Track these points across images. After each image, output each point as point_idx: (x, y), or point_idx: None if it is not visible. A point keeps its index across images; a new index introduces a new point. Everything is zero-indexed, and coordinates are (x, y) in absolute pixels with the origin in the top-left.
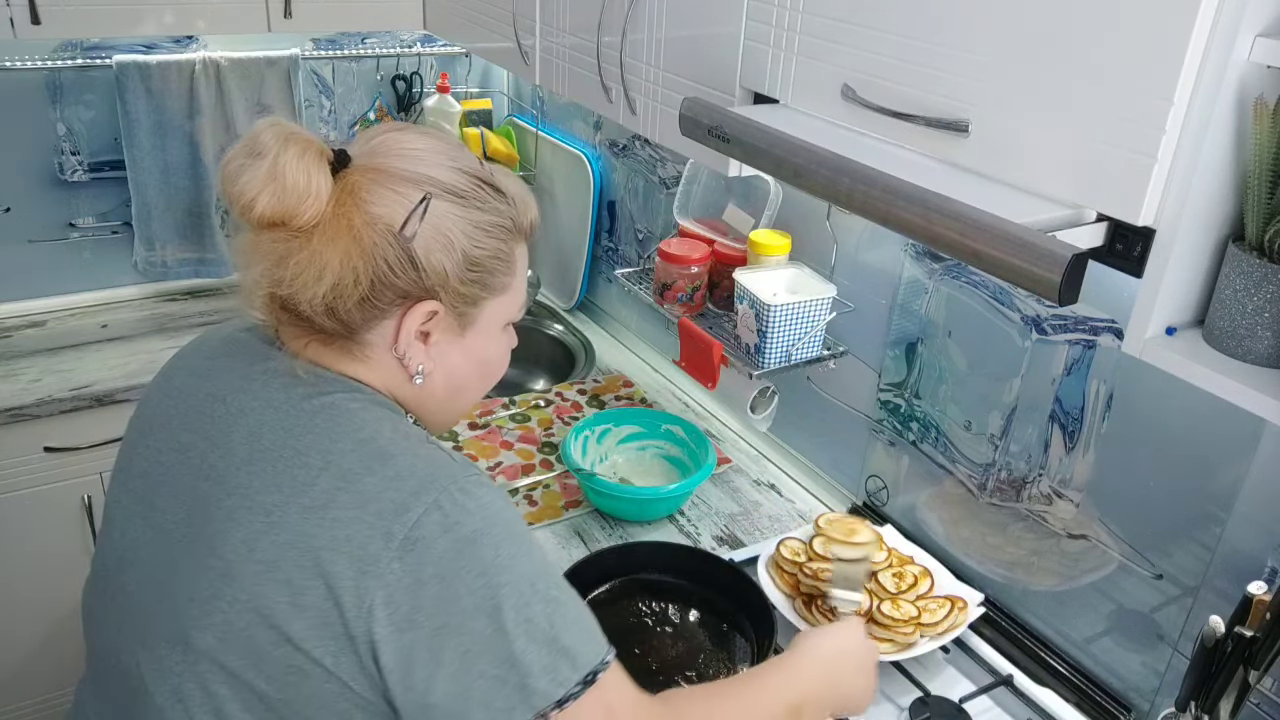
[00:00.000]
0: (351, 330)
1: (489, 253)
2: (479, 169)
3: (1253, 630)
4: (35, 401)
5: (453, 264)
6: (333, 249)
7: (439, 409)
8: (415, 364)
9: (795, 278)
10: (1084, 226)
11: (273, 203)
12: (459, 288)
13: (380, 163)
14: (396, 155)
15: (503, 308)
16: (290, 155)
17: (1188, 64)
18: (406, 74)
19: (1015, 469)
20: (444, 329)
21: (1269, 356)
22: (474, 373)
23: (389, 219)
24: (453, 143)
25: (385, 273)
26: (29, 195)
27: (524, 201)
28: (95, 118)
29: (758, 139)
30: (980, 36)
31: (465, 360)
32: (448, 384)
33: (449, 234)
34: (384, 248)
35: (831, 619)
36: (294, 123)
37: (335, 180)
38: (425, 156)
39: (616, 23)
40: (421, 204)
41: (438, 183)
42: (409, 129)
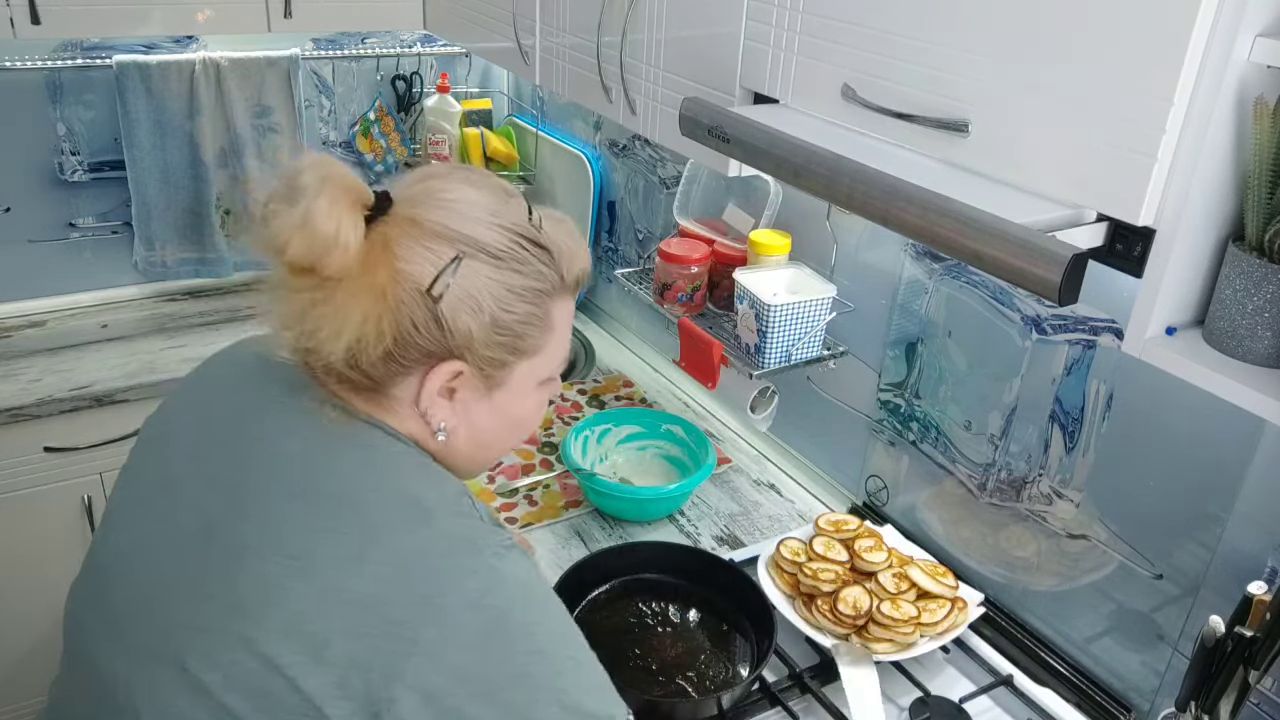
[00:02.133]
0: (376, 383)
1: (519, 317)
2: (522, 224)
3: (1253, 630)
4: (35, 401)
5: (479, 327)
6: (357, 302)
7: (466, 461)
8: (438, 421)
9: (795, 278)
10: (1084, 226)
11: (301, 249)
12: (485, 351)
13: (418, 213)
14: (436, 206)
15: (536, 368)
16: (323, 201)
17: (1188, 64)
18: (406, 74)
19: (1015, 469)
20: (470, 388)
21: (1269, 356)
22: (502, 431)
23: (418, 277)
24: (501, 192)
25: (410, 331)
26: (29, 195)
27: (571, 254)
28: (95, 118)
29: (758, 139)
30: (980, 36)
31: (492, 418)
32: (472, 440)
33: (478, 296)
34: (410, 306)
35: (831, 619)
36: (340, 162)
37: (370, 228)
38: (465, 210)
39: (616, 23)
40: (452, 263)
41: (473, 241)
42: (457, 174)
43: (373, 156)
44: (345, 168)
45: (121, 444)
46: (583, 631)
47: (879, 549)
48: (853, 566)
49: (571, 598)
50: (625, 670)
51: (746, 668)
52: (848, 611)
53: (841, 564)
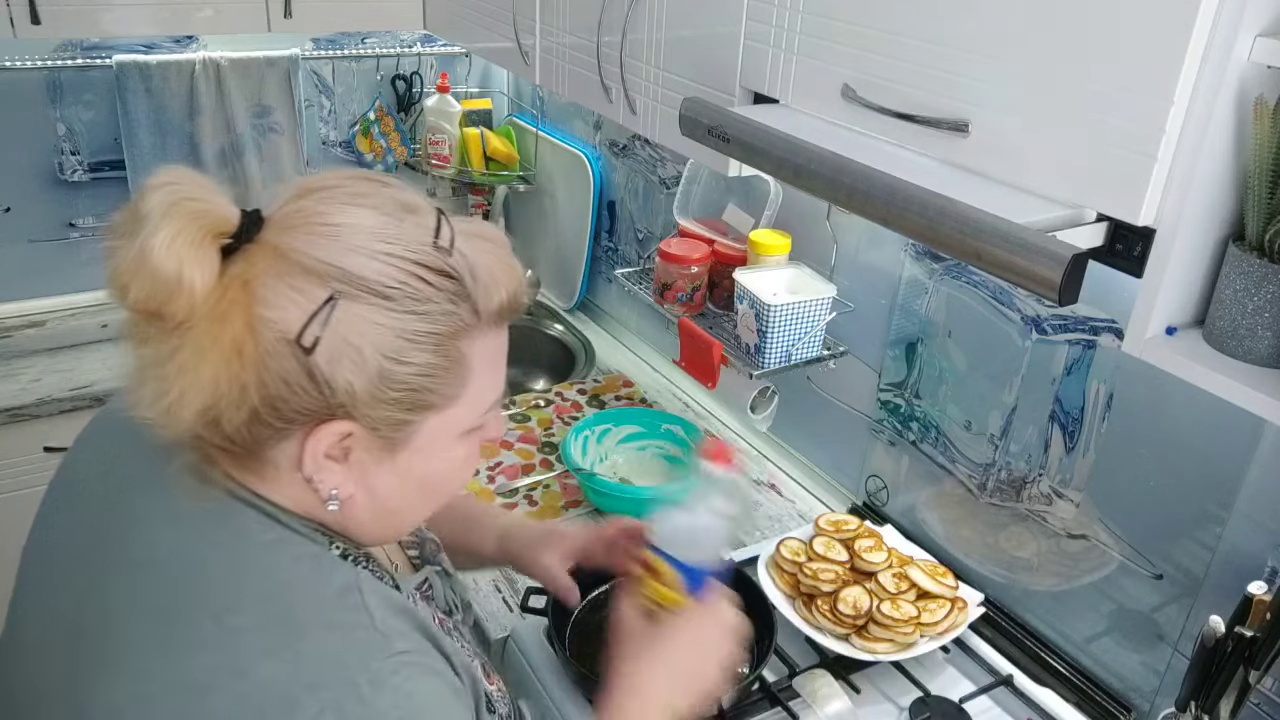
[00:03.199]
0: (247, 448)
1: (418, 369)
2: (422, 250)
3: (1253, 630)
4: (35, 401)
5: (365, 382)
6: (210, 357)
7: (371, 531)
8: (327, 489)
9: (795, 278)
10: (1084, 226)
11: (142, 293)
12: (377, 410)
13: (287, 243)
14: (309, 233)
15: (452, 421)
16: (163, 235)
17: (1188, 64)
18: (406, 74)
19: (1015, 469)
20: (365, 448)
21: (1269, 356)
22: (414, 494)
23: (283, 325)
24: (396, 207)
25: (279, 388)
26: (29, 195)
27: (491, 280)
28: (95, 118)
29: (758, 139)
30: (980, 36)
31: (399, 481)
32: (375, 508)
33: (360, 346)
34: (277, 359)
35: (831, 619)
36: (194, 176)
37: (227, 263)
38: (346, 237)
39: (616, 23)
40: (325, 306)
41: (353, 278)
42: (344, 187)
43: (373, 156)
44: (201, 185)
45: None
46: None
47: (879, 549)
48: (853, 566)
49: None
50: None
51: (746, 668)
52: (848, 611)
53: (841, 564)
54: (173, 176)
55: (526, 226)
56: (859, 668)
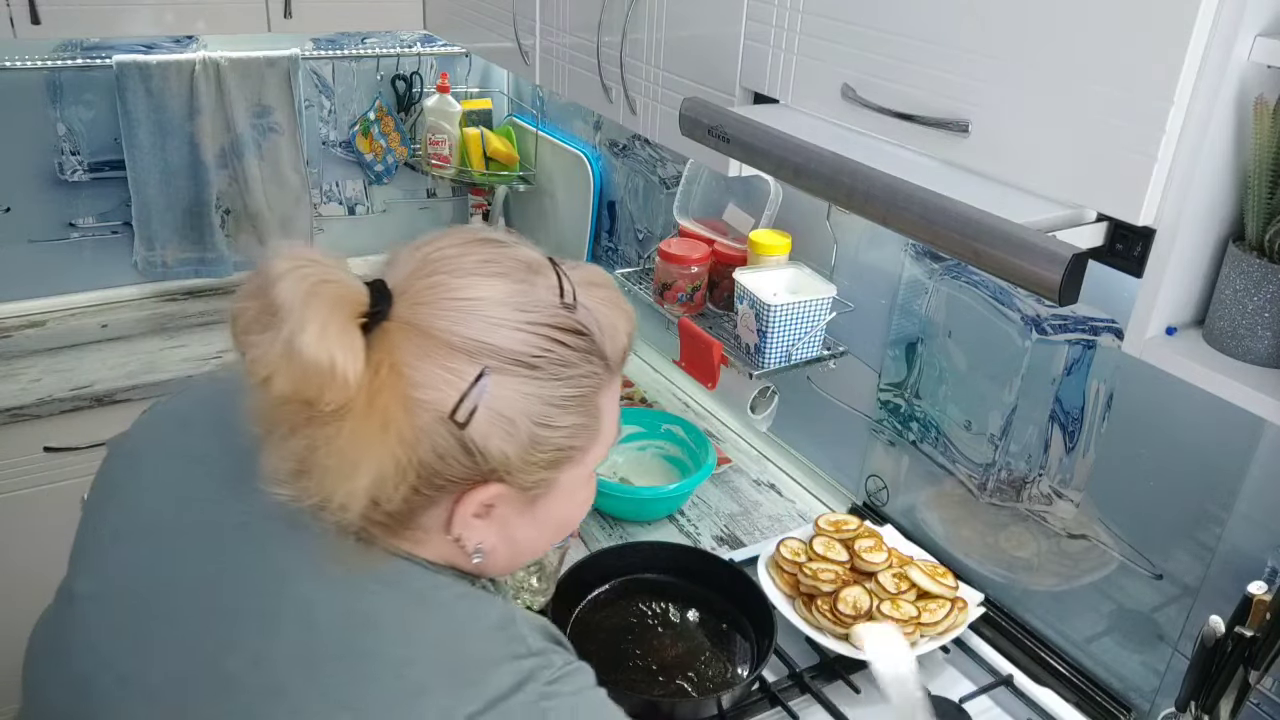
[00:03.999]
0: (400, 520)
1: (565, 430)
2: (554, 311)
3: (1253, 630)
4: (35, 401)
5: (517, 449)
6: (370, 441)
7: (502, 570)
8: (473, 544)
9: (795, 278)
10: (1084, 226)
11: (290, 385)
12: (526, 473)
13: (427, 321)
14: (448, 310)
15: (586, 466)
16: (312, 329)
17: (1188, 64)
18: (406, 74)
19: (1015, 469)
20: (509, 503)
21: (1269, 356)
22: (546, 536)
23: (437, 403)
24: (523, 271)
25: (434, 462)
26: (29, 195)
27: (612, 326)
28: (95, 118)
29: (758, 139)
30: (980, 36)
31: (535, 528)
32: (511, 553)
33: (511, 416)
34: (432, 435)
35: (831, 619)
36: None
37: (370, 343)
38: (485, 311)
39: (616, 23)
40: (477, 383)
41: (499, 352)
42: (468, 257)
43: (373, 156)
44: (327, 263)
45: None
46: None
47: (879, 549)
48: (853, 566)
49: (571, 597)
50: (625, 670)
51: (746, 668)
52: (848, 611)
53: (841, 564)
54: (297, 259)
55: (526, 226)
56: (859, 668)
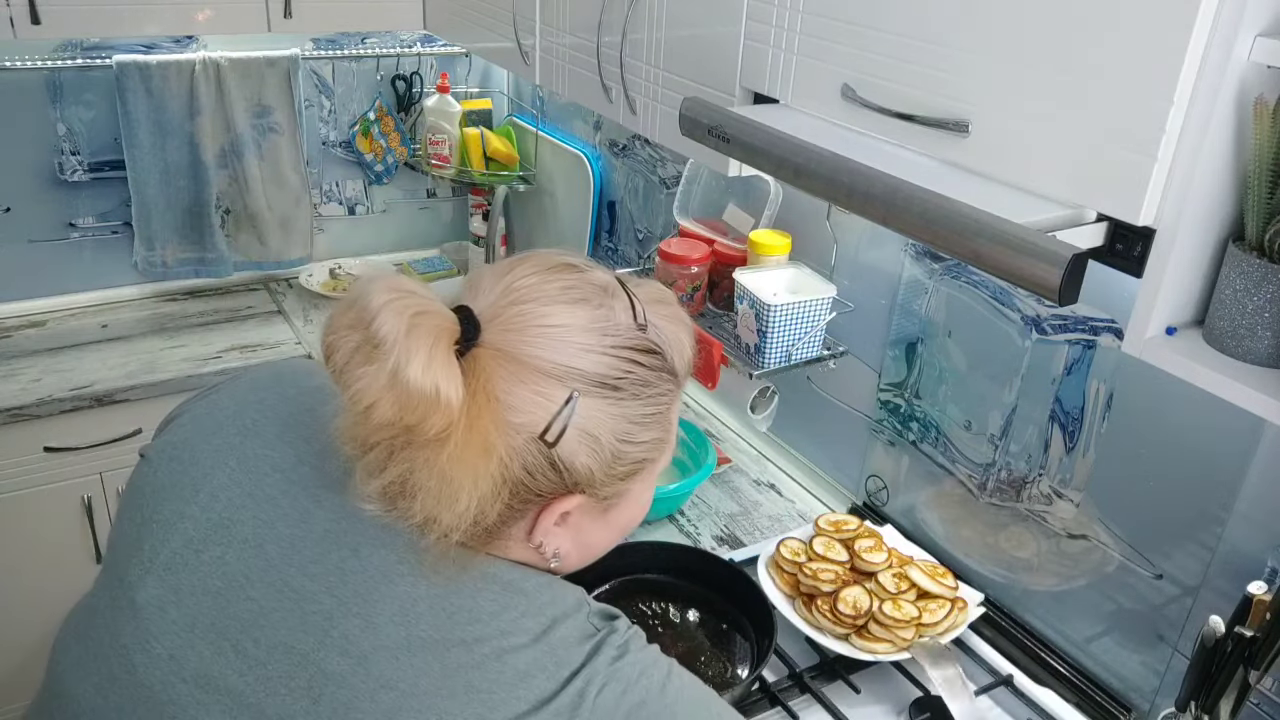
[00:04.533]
0: (490, 532)
1: (645, 445)
2: (631, 333)
3: (1253, 630)
4: (35, 401)
5: (600, 464)
6: (470, 463)
7: (571, 569)
8: (552, 549)
9: (795, 278)
10: (1084, 226)
11: (395, 412)
12: (607, 486)
13: (517, 348)
14: (536, 337)
15: (654, 474)
16: (418, 360)
17: (1188, 64)
18: (406, 74)
19: (1015, 469)
20: (585, 512)
21: (1269, 356)
22: (614, 537)
23: (531, 426)
24: (600, 295)
25: (524, 478)
26: (29, 195)
27: (679, 341)
28: (95, 118)
29: (758, 139)
30: (980, 36)
31: (605, 531)
32: (584, 555)
33: (597, 434)
34: (524, 454)
35: (831, 619)
36: (411, 283)
37: (465, 369)
38: (571, 339)
39: (616, 23)
40: (566, 405)
41: (586, 375)
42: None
43: (373, 156)
44: (424, 296)
45: (122, 444)
46: None
47: (879, 549)
48: (853, 566)
49: None
50: None
51: (746, 668)
52: (848, 611)
53: (841, 564)
54: (394, 290)
55: (526, 226)
56: (859, 668)
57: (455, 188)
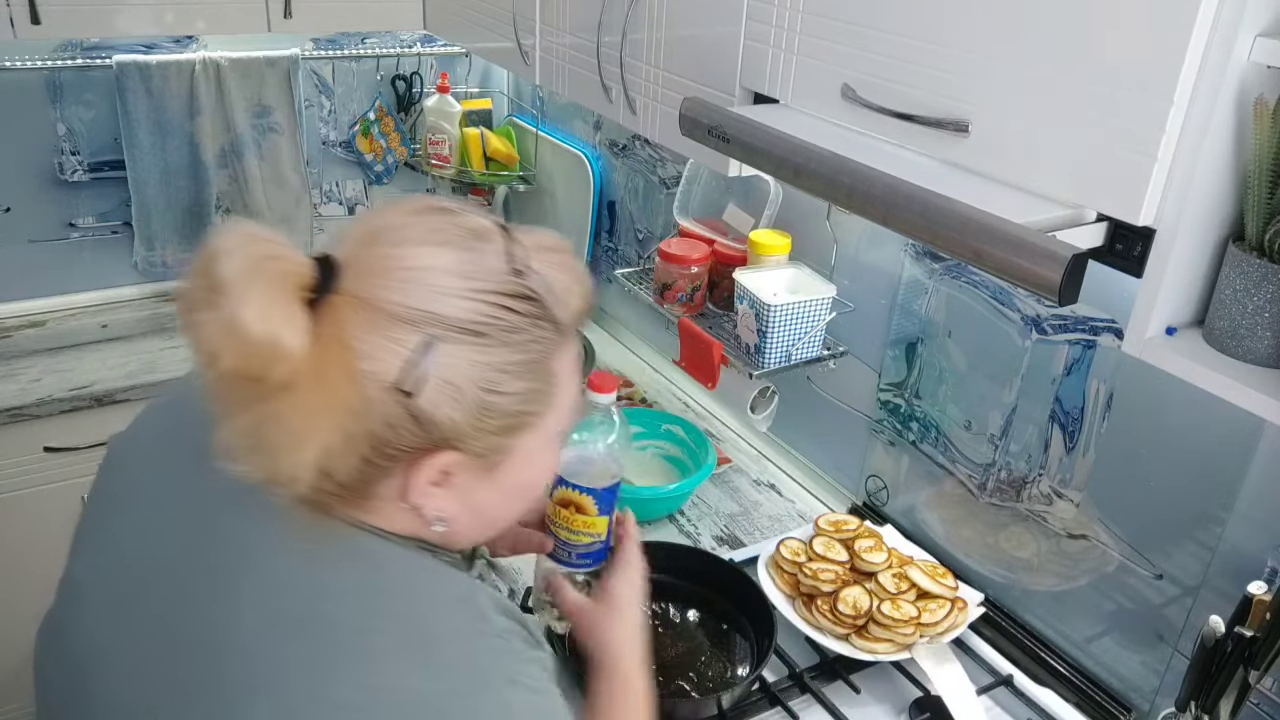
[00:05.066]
0: (355, 490)
1: (515, 396)
2: (502, 277)
3: (1253, 630)
4: (35, 401)
5: (466, 416)
6: (318, 414)
7: (470, 540)
8: (432, 513)
9: (795, 278)
10: (1084, 226)
11: (236, 361)
12: (479, 440)
13: (373, 292)
14: (393, 280)
15: (545, 431)
16: (253, 304)
17: (1188, 64)
18: (406, 74)
19: (1015, 469)
20: (467, 471)
21: (1269, 356)
22: (512, 501)
23: (384, 374)
24: (469, 238)
25: (384, 431)
26: (29, 195)
27: (565, 290)
28: (95, 118)
29: (758, 139)
30: (980, 37)
31: (499, 495)
32: (477, 521)
33: (458, 383)
34: (380, 405)
35: (831, 619)
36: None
37: (317, 316)
38: (430, 280)
39: (616, 23)
40: (422, 352)
41: (445, 320)
42: (413, 227)
43: (373, 156)
44: (269, 240)
45: None
46: None
47: (879, 549)
48: (853, 566)
49: None
50: None
51: (746, 668)
52: (848, 611)
53: (841, 564)
54: (238, 238)
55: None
56: (859, 668)
57: (455, 188)
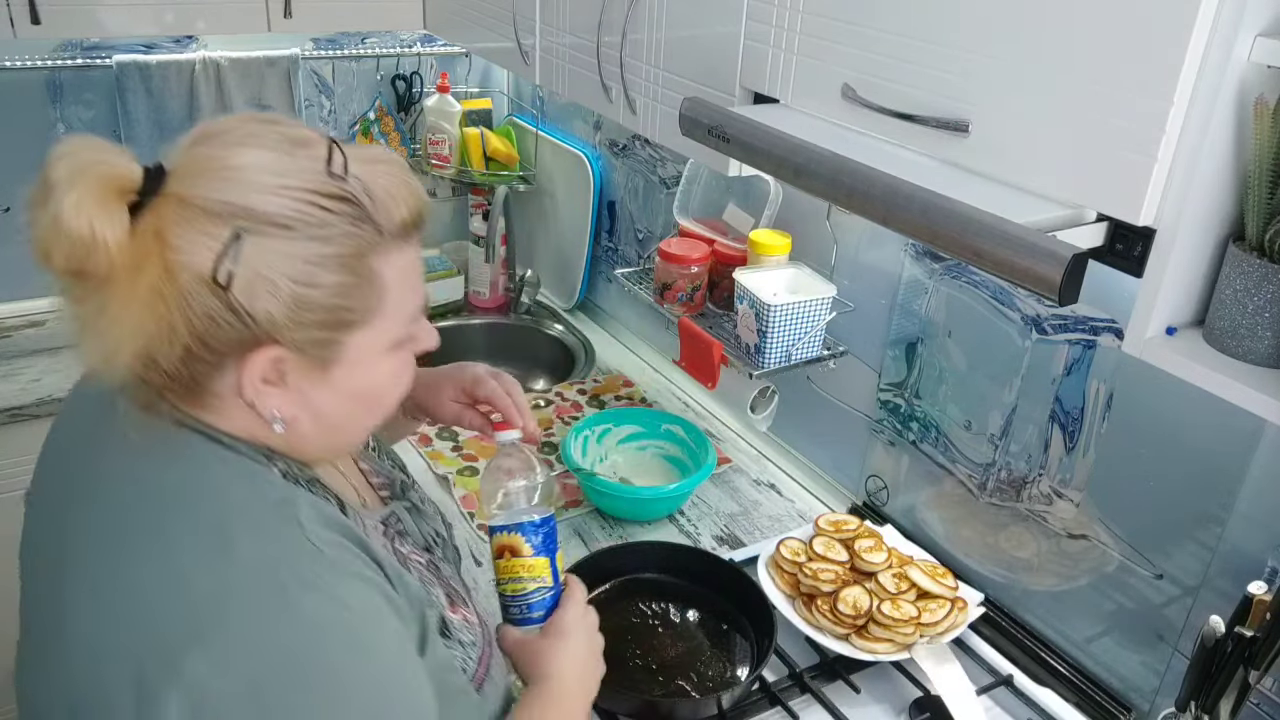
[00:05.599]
0: (188, 384)
1: (330, 290)
2: (316, 179)
3: (1253, 630)
4: (35, 401)
5: (282, 308)
6: (135, 305)
7: (318, 447)
8: (269, 411)
9: (795, 278)
10: (1084, 226)
11: (63, 256)
12: (300, 333)
13: (190, 190)
14: (210, 177)
15: (377, 335)
16: (71, 199)
17: (1188, 64)
18: (406, 74)
19: (1015, 469)
20: (300, 370)
21: (1269, 356)
22: (355, 408)
23: (197, 266)
24: (287, 144)
25: (206, 325)
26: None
27: (390, 197)
28: (95, 118)
29: (758, 139)
30: (980, 36)
31: (337, 398)
32: (320, 425)
33: (271, 276)
34: (197, 297)
35: (831, 619)
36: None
37: (138, 217)
38: (242, 178)
39: (616, 22)
40: (232, 244)
41: (254, 214)
42: (236, 130)
43: None
44: (104, 148)
45: None
46: None
47: (879, 549)
48: (853, 566)
49: None
50: (625, 670)
51: (746, 668)
52: (848, 611)
53: (841, 564)
54: (74, 145)
55: (526, 226)
56: (859, 668)
57: (455, 187)
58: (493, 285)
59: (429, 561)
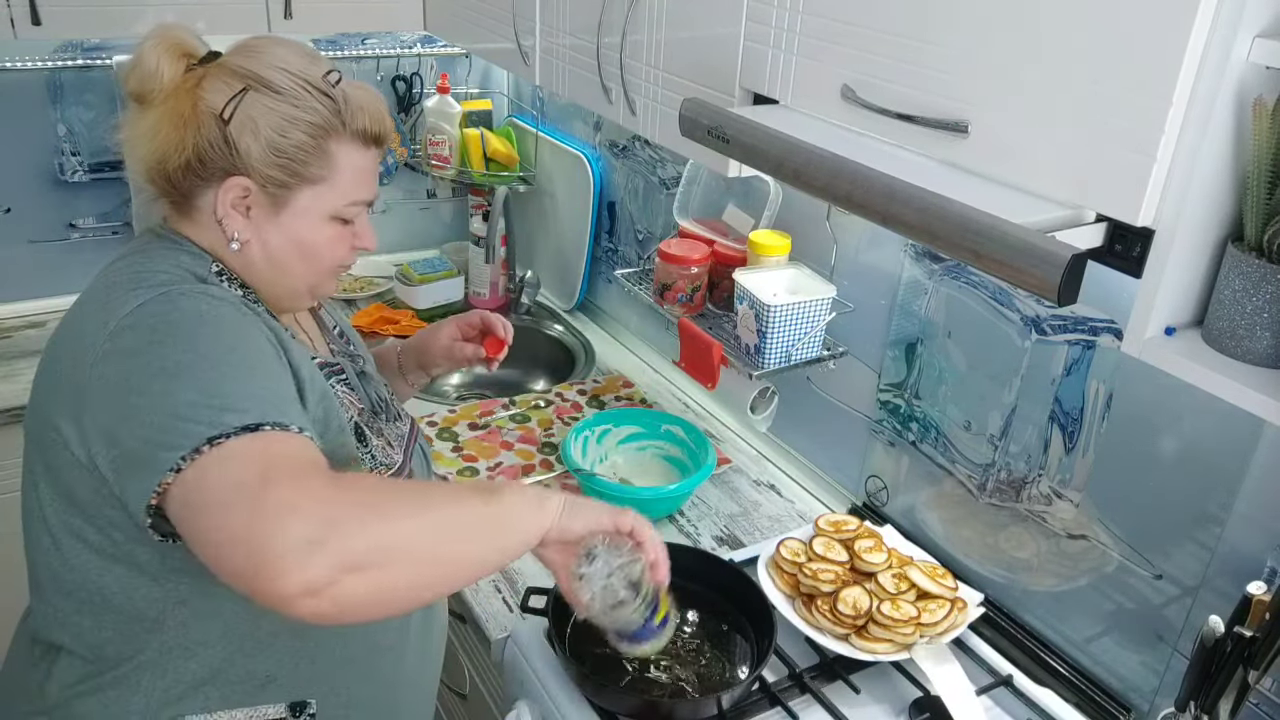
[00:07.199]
0: (183, 195)
1: (294, 143)
2: (313, 76)
3: (1252, 630)
4: None
5: (259, 147)
6: (167, 121)
7: (265, 281)
8: (232, 230)
9: (795, 278)
10: (1083, 227)
11: (134, 82)
12: (266, 169)
13: (228, 60)
14: (244, 54)
15: (321, 198)
16: (150, 44)
17: (1187, 64)
18: (406, 74)
19: (1015, 469)
20: (260, 205)
21: (1268, 356)
22: (293, 253)
23: (214, 105)
24: (306, 56)
25: (205, 148)
26: (29, 196)
27: (359, 109)
28: (95, 118)
29: (758, 139)
30: (980, 37)
31: (281, 238)
32: (265, 257)
33: (258, 121)
34: (207, 128)
35: (831, 619)
36: (183, 27)
37: (190, 71)
38: (264, 58)
39: (616, 23)
40: (240, 94)
41: (261, 79)
42: (280, 40)
43: None
44: (184, 31)
45: None
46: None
47: (879, 549)
48: (852, 567)
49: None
50: (625, 670)
51: (746, 668)
52: (847, 612)
53: (841, 564)
54: (169, 23)
55: (527, 227)
56: (859, 668)
57: (455, 188)
58: (493, 286)
59: (368, 414)
